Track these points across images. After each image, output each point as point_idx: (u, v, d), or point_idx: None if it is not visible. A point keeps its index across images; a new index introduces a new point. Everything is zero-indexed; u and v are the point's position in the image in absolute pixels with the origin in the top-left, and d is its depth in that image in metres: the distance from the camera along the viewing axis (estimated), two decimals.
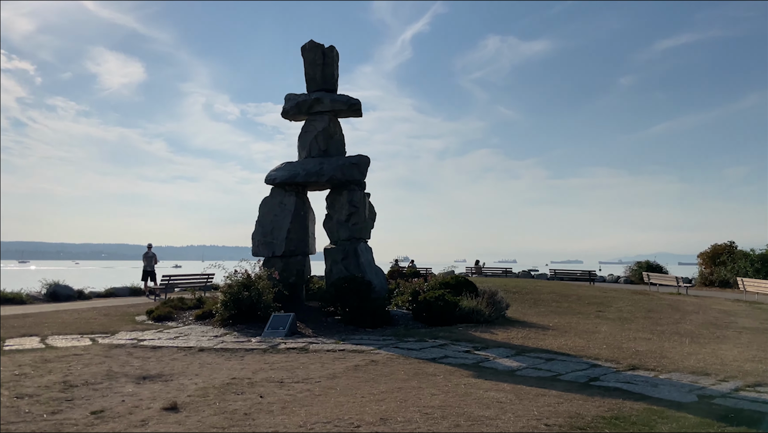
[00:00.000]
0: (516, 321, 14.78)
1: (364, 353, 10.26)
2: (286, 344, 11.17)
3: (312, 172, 15.43)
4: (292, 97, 16.48)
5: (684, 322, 15.62)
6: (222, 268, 14.68)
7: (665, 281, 29.79)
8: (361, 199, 15.84)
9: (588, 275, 35.79)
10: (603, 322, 15.38)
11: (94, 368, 8.86)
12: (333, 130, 16.36)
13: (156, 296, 22.47)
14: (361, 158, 15.84)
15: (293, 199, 15.85)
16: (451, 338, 11.93)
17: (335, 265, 15.69)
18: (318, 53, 16.36)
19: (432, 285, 15.80)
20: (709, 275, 33.01)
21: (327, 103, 16.08)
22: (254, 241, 16.03)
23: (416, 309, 14.17)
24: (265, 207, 16.09)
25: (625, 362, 9.69)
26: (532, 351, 10.63)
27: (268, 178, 15.98)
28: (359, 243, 15.86)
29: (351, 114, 16.46)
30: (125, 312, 16.72)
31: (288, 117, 16.75)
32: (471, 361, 9.64)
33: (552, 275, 38.78)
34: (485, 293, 15.27)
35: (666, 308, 19.12)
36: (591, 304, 20.09)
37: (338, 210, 15.90)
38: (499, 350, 10.64)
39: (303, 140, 16.46)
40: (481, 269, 38.40)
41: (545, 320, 15.44)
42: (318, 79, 16.41)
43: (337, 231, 15.92)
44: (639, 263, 37.50)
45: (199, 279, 23.31)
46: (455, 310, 13.91)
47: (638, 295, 24.07)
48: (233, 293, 13.62)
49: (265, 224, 15.90)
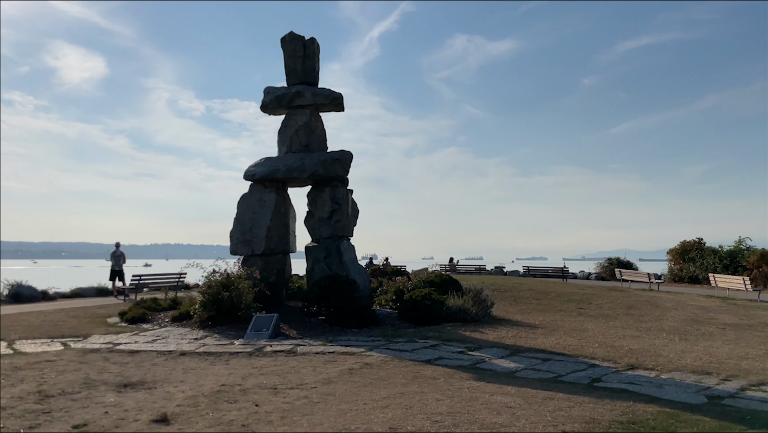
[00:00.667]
0: (502, 319, 14.56)
1: (355, 355, 9.87)
2: (272, 347, 10.71)
3: (293, 167, 14.94)
4: (271, 90, 15.95)
5: (666, 318, 15.64)
6: (200, 267, 14.10)
7: (637, 278, 30.10)
8: (344, 195, 15.42)
9: (561, 271, 36.03)
10: (587, 319, 15.28)
11: (70, 376, 8.27)
12: (314, 124, 15.89)
13: (125, 296, 21.64)
14: (344, 154, 15.41)
15: (273, 195, 15.33)
16: (441, 337, 11.63)
17: (317, 264, 15.24)
18: (298, 45, 15.86)
19: (416, 284, 15.49)
20: (678, 271, 33.49)
21: (308, 96, 15.60)
22: (232, 239, 15.47)
23: (402, 308, 13.83)
24: (243, 204, 15.54)
25: (622, 362, 9.52)
26: (527, 351, 10.39)
27: (247, 173, 15.44)
28: (342, 241, 15.43)
29: (333, 108, 16.01)
30: (95, 314, 15.98)
31: (267, 111, 16.21)
32: (467, 362, 9.34)
33: (525, 272, 38.93)
34: (470, 292, 15.02)
35: (644, 304, 19.18)
36: (571, 301, 20.05)
37: (320, 207, 15.44)
38: (493, 351, 10.37)
39: (283, 135, 15.94)
40: (455, 266, 38.28)
41: (530, 318, 15.27)
42: (298, 72, 15.91)
43: (319, 229, 15.47)
44: (609, 260, 37.85)
45: (171, 279, 22.55)
46: (442, 309, 13.61)
47: (614, 291, 24.18)
48: (212, 294, 13.06)
49: (244, 222, 15.35)
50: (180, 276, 22.75)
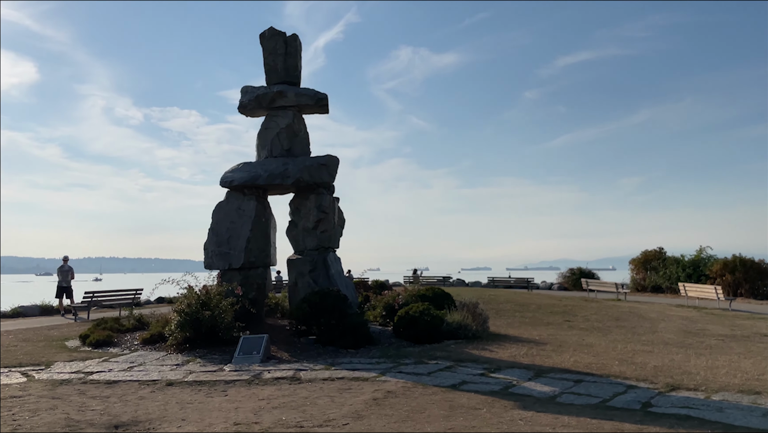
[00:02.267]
0: (501, 335, 13.77)
1: (369, 382, 8.81)
2: (270, 373, 9.51)
3: (275, 173, 13.75)
4: (250, 90, 14.73)
5: (659, 330, 15.21)
6: (174, 283, 12.73)
7: (604, 288, 30.06)
8: (331, 203, 14.32)
9: (525, 282, 35.81)
10: (583, 333, 14.68)
11: (46, 417, 6.87)
12: (298, 127, 14.75)
13: (74, 315, 19.76)
14: (330, 159, 14.33)
15: (253, 204, 14.09)
16: (451, 357, 10.70)
17: (301, 277, 14.06)
18: (279, 42, 14.72)
19: (407, 298, 14.53)
20: (641, 280, 33.75)
21: (291, 97, 14.46)
22: (207, 252, 14.12)
23: (397, 325, 12.83)
24: (219, 213, 14.22)
25: (659, 382, 8.81)
26: (550, 372, 9.58)
27: (224, 180, 14.14)
28: (328, 253, 14.32)
29: (317, 110, 14.92)
30: (48, 336, 14.26)
31: (245, 112, 14.96)
32: (497, 387, 8.44)
33: (488, 283, 38.58)
34: (465, 306, 14.17)
35: (629, 315, 18.83)
36: (554, 313, 19.53)
37: (304, 216, 14.29)
38: (515, 372, 9.50)
39: (263, 138, 14.72)
40: (419, 278, 37.50)
41: (526, 332, 14.55)
42: (279, 71, 14.76)
43: (303, 240, 14.31)
44: (572, 270, 37.90)
45: (126, 295, 20.81)
46: (442, 325, 12.69)
47: (591, 303, 23.90)
48: (191, 313, 11.71)
49: (220, 233, 14.03)
50: (136, 292, 21.06)
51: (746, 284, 28.44)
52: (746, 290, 28.34)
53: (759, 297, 28.05)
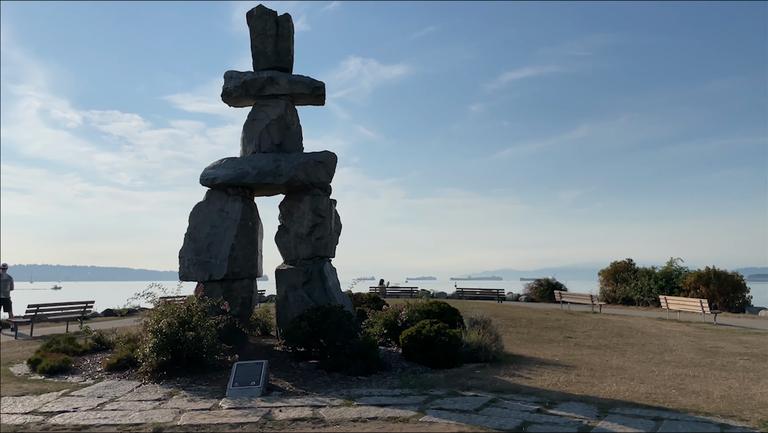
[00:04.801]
0: (518, 356, 12.34)
1: (412, 423, 7.14)
2: (282, 412, 7.70)
3: (266, 171, 11.90)
4: (235, 75, 12.83)
5: (674, 349, 14.15)
6: (146, 295, 10.73)
7: (577, 300, 29.29)
8: (328, 206, 12.58)
9: (496, 294, 34.77)
10: (597, 352, 13.44)
11: None
12: (290, 119, 12.93)
13: (14, 331, 17.22)
14: (328, 155, 12.60)
15: (239, 205, 12.19)
16: (486, 387, 9.16)
17: (293, 291, 12.24)
18: (269, 21, 12.91)
19: (410, 314, 12.93)
20: (611, 292, 33.23)
21: (284, 84, 12.65)
22: (183, 260, 12.12)
23: (408, 346, 11.20)
24: (198, 216, 12.25)
25: (748, 416, 7.54)
26: (613, 406, 8.15)
27: (205, 177, 12.18)
28: (324, 263, 12.55)
29: (312, 100, 13.15)
30: None
31: (230, 100, 13.03)
32: (572, 429, 6.93)
33: (456, 294, 37.38)
34: (477, 323, 12.69)
35: (628, 331, 17.81)
36: (549, 328, 18.34)
37: (297, 220, 12.49)
38: (574, 407, 8.02)
39: (250, 130, 12.84)
40: (385, 289, 35.91)
41: (540, 352, 13.20)
42: (269, 54, 12.93)
43: (296, 247, 12.50)
44: (539, 281, 37.14)
45: (75, 308, 18.39)
46: (461, 347, 11.15)
47: (572, 315, 22.94)
48: (171, 334, 9.74)
49: (199, 239, 12.07)
50: (86, 305, 18.67)
51: (721, 297, 28.17)
52: (721, 303, 28.06)
53: (733, 310, 27.82)
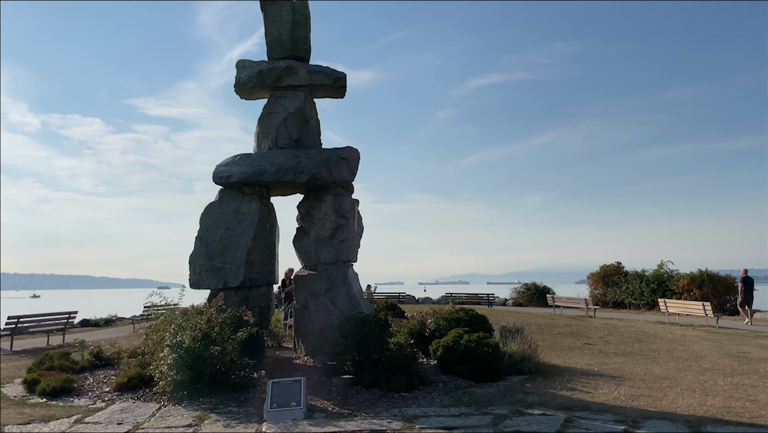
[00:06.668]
0: (558, 367, 11.57)
1: None
2: None
3: (285, 168, 10.88)
4: (249, 65, 11.77)
5: (706, 355, 13.59)
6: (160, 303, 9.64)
7: (571, 304, 28.88)
8: (351, 207, 11.62)
9: (485, 298, 34.13)
10: (630, 360, 12.78)
11: None
12: (309, 112, 11.92)
13: None
14: (352, 151, 11.64)
15: (256, 205, 11.14)
16: (549, 404, 8.33)
17: (314, 298, 11.23)
18: (286, 7, 11.90)
19: (437, 322, 12.05)
20: (601, 296, 32.90)
21: (303, 74, 11.64)
22: (193, 266, 11.01)
23: (445, 358, 10.32)
24: (210, 217, 11.15)
25: None
26: (702, 424, 7.40)
27: (219, 175, 11.09)
28: (347, 267, 11.58)
29: (333, 93, 12.17)
30: None
31: (242, 92, 11.95)
32: None
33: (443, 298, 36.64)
34: (509, 332, 11.88)
35: (645, 336, 17.24)
36: (563, 335, 17.68)
37: (318, 222, 11.48)
38: (663, 426, 7.23)
39: (266, 125, 11.78)
40: (372, 294, 34.89)
41: (573, 361, 12.47)
42: (285, 43, 11.92)
43: (317, 251, 11.49)
44: (527, 285, 36.67)
45: (58, 320, 17.00)
46: (504, 358, 10.31)
47: (577, 320, 22.40)
48: (194, 349, 8.66)
49: (212, 242, 10.97)
50: (69, 316, 17.31)
51: (714, 300, 28.01)
52: (715, 306, 27.89)
53: (727, 313, 27.69)
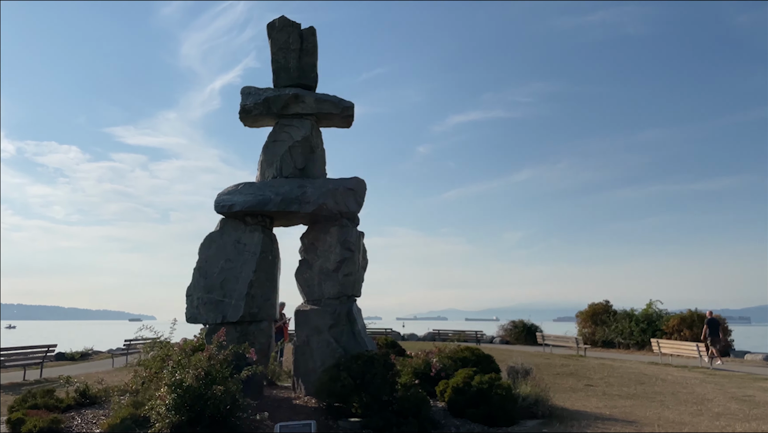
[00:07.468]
0: (567, 410, 11.13)
1: None
2: None
3: (290, 197, 10.46)
4: (254, 92, 11.43)
5: (712, 398, 13.28)
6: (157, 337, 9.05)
7: (560, 343, 28.55)
8: (357, 239, 11.20)
9: (474, 336, 33.62)
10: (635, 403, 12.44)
11: None
12: (315, 141, 11.56)
13: None
14: (359, 182, 11.28)
15: (258, 236, 10.66)
16: None
17: (317, 335, 10.70)
18: (293, 35, 11.65)
19: (443, 361, 11.58)
20: (590, 334, 32.57)
21: (310, 102, 11.33)
22: (191, 299, 10.45)
23: (456, 401, 9.84)
24: (210, 248, 10.64)
25: None
26: None
27: (221, 204, 10.62)
28: (352, 303, 11.09)
29: (340, 122, 11.86)
30: None
31: (247, 119, 11.58)
32: None
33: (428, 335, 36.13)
34: (517, 373, 11.45)
35: (646, 378, 16.90)
36: (562, 375, 17.30)
37: (323, 255, 11.03)
38: None
39: (271, 153, 11.39)
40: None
41: (580, 404, 12.05)
42: (292, 70, 11.62)
43: (320, 285, 11.01)
44: (514, 322, 36.27)
45: (37, 353, 16.16)
46: (518, 401, 9.85)
47: (572, 360, 22.04)
48: (195, 389, 8.08)
49: (211, 274, 10.44)
50: (48, 349, 16.48)
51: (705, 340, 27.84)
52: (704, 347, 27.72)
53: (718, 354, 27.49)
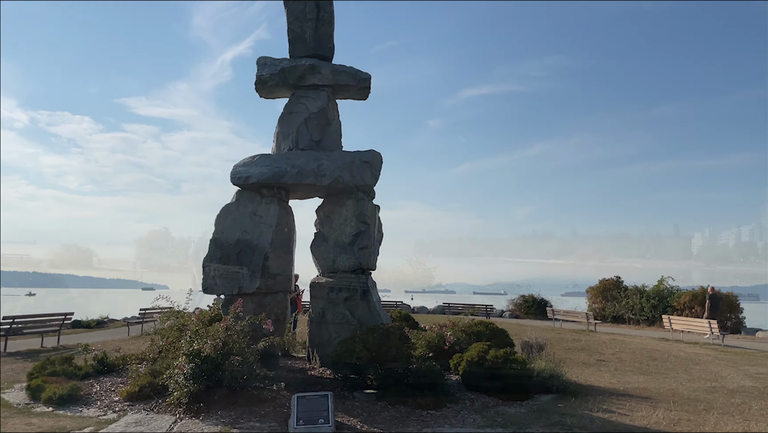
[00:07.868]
0: (582, 385, 11.14)
1: None
2: None
3: (306, 170, 10.41)
4: (270, 62, 11.31)
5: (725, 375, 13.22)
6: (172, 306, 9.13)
7: (570, 318, 28.57)
8: (372, 212, 11.16)
9: (485, 309, 33.71)
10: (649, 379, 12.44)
11: None
12: (331, 113, 11.47)
13: None
14: (375, 155, 11.19)
15: (275, 208, 10.65)
16: (588, 427, 7.91)
17: (332, 307, 10.75)
18: (310, 4, 11.46)
19: (457, 335, 11.61)
20: (600, 310, 32.59)
21: (326, 73, 11.20)
22: (206, 270, 10.48)
23: (470, 374, 9.88)
24: (226, 219, 10.65)
25: None
26: None
27: (237, 176, 10.59)
28: (367, 276, 11.10)
29: (356, 94, 11.73)
30: None
31: (263, 90, 11.48)
32: None
33: (438, 308, 36.28)
34: (531, 347, 11.46)
35: (659, 354, 16.88)
36: (573, 350, 17.32)
37: (338, 228, 11.02)
38: None
39: (286, 125, 11.32)
40: None
41: (594, 379, 12.06)
42: (308, 41, 11.47)
43: (335, 258, 11.02)
44: (524, 297, 36.32)
45: (54, 321, 16.37)
46: (533, 376, 9.87)
47: (583, 335, 22.05)
48: (212, 359, 8.15)
49: (227, 245, 10.47)
50: (65, 317, 16.68)
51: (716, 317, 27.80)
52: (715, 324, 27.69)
53: (729, 331, 27.46)
